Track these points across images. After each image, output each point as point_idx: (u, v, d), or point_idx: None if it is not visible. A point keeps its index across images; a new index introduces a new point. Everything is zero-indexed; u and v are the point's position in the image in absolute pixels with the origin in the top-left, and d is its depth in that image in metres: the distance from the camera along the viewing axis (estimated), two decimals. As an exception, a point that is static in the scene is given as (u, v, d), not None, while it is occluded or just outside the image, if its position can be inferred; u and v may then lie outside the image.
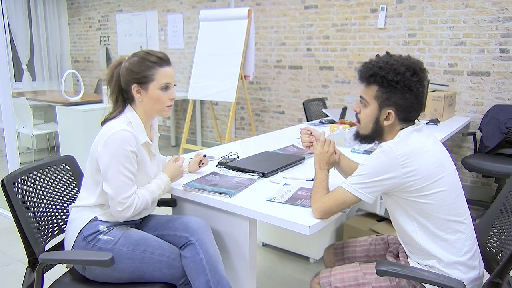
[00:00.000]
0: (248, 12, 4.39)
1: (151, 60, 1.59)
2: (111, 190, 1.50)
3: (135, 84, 1.59)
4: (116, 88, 1.63)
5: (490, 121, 3.51)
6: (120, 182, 1.50)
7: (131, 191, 1.52)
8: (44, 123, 5.44)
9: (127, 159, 1.51)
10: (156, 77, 1.59)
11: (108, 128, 1.54)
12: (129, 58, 1.62)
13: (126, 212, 1.52)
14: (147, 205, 1.59)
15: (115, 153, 1.49)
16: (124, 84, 1.61)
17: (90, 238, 1.53)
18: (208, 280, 1.50)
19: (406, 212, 1.41)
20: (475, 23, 3.62)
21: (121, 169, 1.50)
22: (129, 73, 1.59)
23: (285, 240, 2.82)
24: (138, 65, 1.58)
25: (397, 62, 1.40)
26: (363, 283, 1.44)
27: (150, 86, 1.59)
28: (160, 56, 1.61)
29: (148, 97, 1.60)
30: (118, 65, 1.63)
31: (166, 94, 1.62)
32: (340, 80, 4.51)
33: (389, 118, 1.43)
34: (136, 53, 1.63)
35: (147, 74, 1.58)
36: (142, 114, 1.64)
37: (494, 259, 1.50)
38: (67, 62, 7.49)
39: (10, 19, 6.57)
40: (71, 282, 1.57)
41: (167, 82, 1.61)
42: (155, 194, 1.62)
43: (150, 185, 1.63)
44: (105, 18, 6.83)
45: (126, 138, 1.51)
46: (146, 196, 1.58)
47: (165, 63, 1.62)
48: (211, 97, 4.59)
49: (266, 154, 2.24)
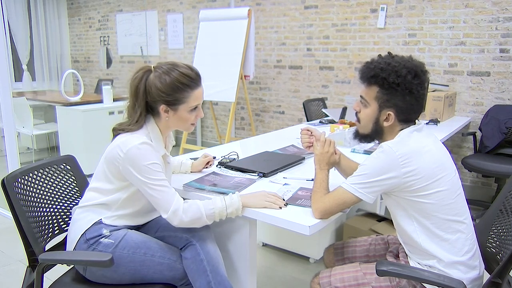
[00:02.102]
0: (248, 12, 4.39)
1: (184, 83, 1.50)
2: (154, 202, 1.48)
3: (164, 104, 1.51)
4: (143, 103, 1.52)
5: (490, 121, 3.51)
6: (157, 192, 1.46)
7: (169, 196, 1.46)
8: (44, 123, 5.44)
9: (152, 171, 1.45)
10: (188, 100, 1.51)
11: (127, 141, 1.47)
12: (160, 75, 1.49)
13: (175, 217, 1.45)
14: (199, 215, 1.47)
15: (141, 168, 1.44)
16: (151, 101, 1.52)
17: (92, 241, 1.52)
18: (209, 281, 1.49)
19: (406, 212, 1.41)
20: (475, 23, 3.62)
21: (150, 182, 1.45)
22: (159, 94, 1.48)
23: (285, 240, 2.82)
24: (171, 87, 1.48)
25: (399, 64, 1.40)
26: (363, 283, 1.44)
27: (180, 108, 1.52)
28: (193, 77, 1.52)
29: (176, 117, 1.54)
30: (144, 77, 1.51)
31: (194, 113, 1.56)
32: (340, 80, 4.51)
33: (389, 119, 1.43)
34: (167, 71, 1.49)
35: (178, 97, 1.50)
36: (164, 128, 1.58)
37: (494, 259, 1.51)
38: (67, 62, 7.49)
39: (10, 19, 6.57)
40: (71, 282, 1.57)
41: (198, 103, 1.55)
42: (213, 207, 1.48)
43: (213, 198, 1.53)
44: (105, 18, 6.82)
45: (147, 153, 1.46)
46: (200, 205, 1.48)
47: (197, 85, 1.53)
48: (211, 97, 4.59)
49: (266, 154, 2.24)
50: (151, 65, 1.55)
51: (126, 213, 1.58)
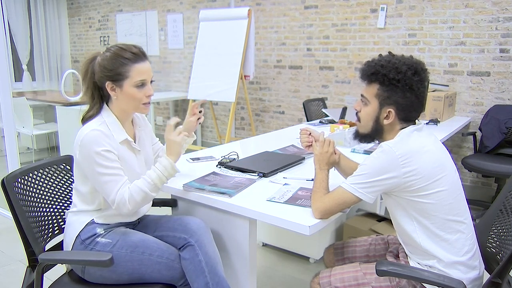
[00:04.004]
0: (248, 12, 4.39)
1: (124, 57, 1.50)
2: (101, 192, 1.50)
3: (109, 81, 1.51)
4: (91, 84, 1.55)
5: (490, 121, 3.51)
6: (103, 183, 1.47)
7: (116, 187, 1.47)
8: (44, 123, 5.44)
9: (102, 158, 1.46)
10: (131, 74, 1.50)
11: (80, 133, 1.49)
12: (103, 53, 1.53)
13: (122, 208, 1.48)
14: (143, 194, 1.49)
15: (89, 155, 1.45)
16: (98, 81, 1.53)
17: (88, 241, 1.53)
18: (207, 281, 1.49)
19: (406, 212, 1.41)
20: (475, 23, 3.62)
21: (98, 169, 1.46)
22: (102, 70, 1.50)
23: (285, 240, 2.82)
24: (111, 61, 1.49)
25: (399, 61, 1.41)
26: (363, 283, 1.44)
27: (124, 84, 1.51)
28: (135, 51, 1.52)
29: (123, 95, 1.53)
30: (93, 60, 1.55)
31: (142, 91, 1.54)
32: (340, 80, 4.51)
33: (389, 116, 1.43)
34: (109, 47, 1.54)
35: (120, 71, 1.50)
36: (118, 111, 1.58)
37: (494, 259, 1.50)
38: (67, 62, 7.49)
39: (10, 19, 6.57)
40: (71, 282, 1.57)
41: (143, 79, 1.53)
42: (152, 179, 1.51)
43: (147, 172, 1.54)
44: (105, 18, 6.83)
45: (96, 139, 1.46)
46: (140, 185, 1.49)
47: (140, 59, 1.52)
48: (211, 97, 4.59)
49: (266, 154, 2.24)
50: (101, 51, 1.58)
51: (113, 211, 1.55)
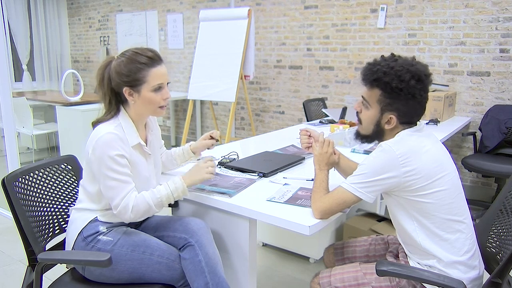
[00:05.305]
0: (248, 12, 4.39)
1: (140, 61, 1.49)
2: (106, 195, 1.50)
3: (127, 87, 1.51)
4: (109, 91, 1.55)
5: (490, 121, 3.51)
6: (109, 187, 1.47)
7: (122, 193, 1.48)
8: (44, 123, 5.44)
9: (114, 162, 1.46)
10: (148, 79, 1.50)
11: (96, 133, 1.50)
12: (118, 58, 1.53)
13: (123, 214, 1.49)
14: (148, 207, 1.51)
15: (102, 157, 1.46)
16: (115, 86, 1.54)
17: (90, 239, 1.53)
18: (207, 282, 1.49)
19: (406, 211, 1.40)
20: (475, 23, 3.62)
21: (108, 173, 1.46)
22: (119, 76, 1.50)
23: (285, 240, 2.82)
24: (127, 67, 1.49)
25: (402, 68, 1.37)
26: (363, 283, 1.44)
27: (142, 89, 1.51)
28: (150, 55, 1.52)
29: (141, 99, 1.53)
30: (108, 65, 1.55)
31: (159, 94, 1.54)
32: (340, 80, 4.51)
33: (390, 122, 1.43)
34: (124, 52, 1.53)
35: (138, 76, 1.50)
36: (135, 115, 1.58)
37: (494, 259, 1.50)
38: (67, 62, 7.49)
39: (10, 19, 6.57)
40: (71, 282, 1.57)
41: (160, 82, 1.53)
42: (160, 196, 1.52)
43: (157, 187, 1.56)
44: (105, 18, 6.82)
45: (110, 142, 1.46)
46: (147, 198, 1.51)
47: (156, 63, 1.52)
48: (211, 97, 4.59)
49: (266, 154, 2.24)
50: (115, 55, 1.57)
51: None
